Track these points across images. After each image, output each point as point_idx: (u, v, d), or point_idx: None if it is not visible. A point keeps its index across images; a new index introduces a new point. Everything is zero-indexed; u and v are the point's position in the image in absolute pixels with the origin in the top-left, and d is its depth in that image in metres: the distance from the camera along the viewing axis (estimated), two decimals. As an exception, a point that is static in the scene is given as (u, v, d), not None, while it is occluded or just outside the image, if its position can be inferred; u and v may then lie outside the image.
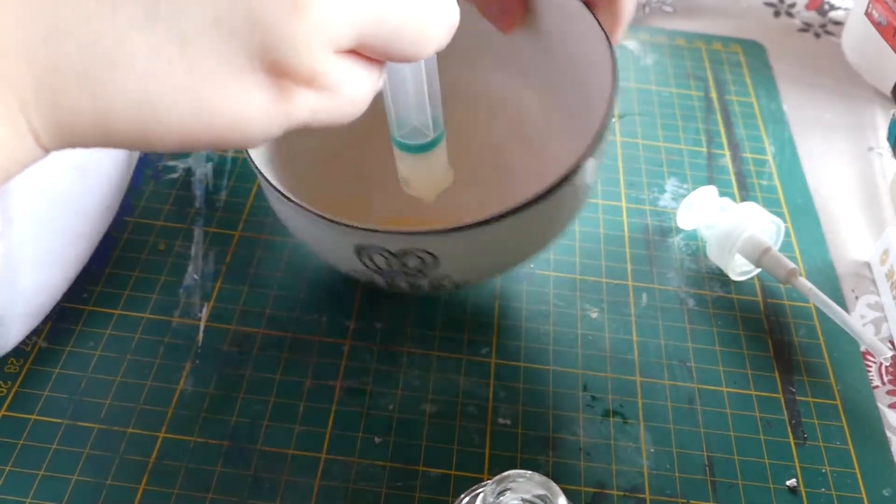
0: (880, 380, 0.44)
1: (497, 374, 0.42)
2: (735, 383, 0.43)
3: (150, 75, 0.20)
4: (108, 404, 0.40)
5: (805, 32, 0.68)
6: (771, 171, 0.55)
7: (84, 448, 0.38)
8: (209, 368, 0.41)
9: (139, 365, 0.41)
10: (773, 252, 0.46)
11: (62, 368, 0.41)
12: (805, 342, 0.45)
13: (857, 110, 0.61)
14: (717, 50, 0.65)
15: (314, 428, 0.40)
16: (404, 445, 0.39)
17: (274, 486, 0.37)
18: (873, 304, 0.48)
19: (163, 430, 0.39)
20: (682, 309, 0.46)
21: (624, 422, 0.41)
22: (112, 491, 0.37)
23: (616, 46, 0.38)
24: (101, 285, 0.44)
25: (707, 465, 0.40)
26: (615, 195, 0.52)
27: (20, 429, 0.38)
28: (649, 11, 0.68)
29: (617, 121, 0.58)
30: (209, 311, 0.44)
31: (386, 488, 0.38)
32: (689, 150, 0.56)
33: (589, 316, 0.46)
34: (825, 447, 0.41)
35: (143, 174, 0.50)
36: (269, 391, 0.41)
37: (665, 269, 0.48)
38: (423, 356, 0.43)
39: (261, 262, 0.46)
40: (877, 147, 0.58)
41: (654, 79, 0.61)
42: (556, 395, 0.42)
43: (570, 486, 0.38)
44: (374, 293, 0.45)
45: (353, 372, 0.42)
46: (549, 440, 0.40)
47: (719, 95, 0.61)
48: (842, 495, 0.39)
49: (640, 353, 0.44)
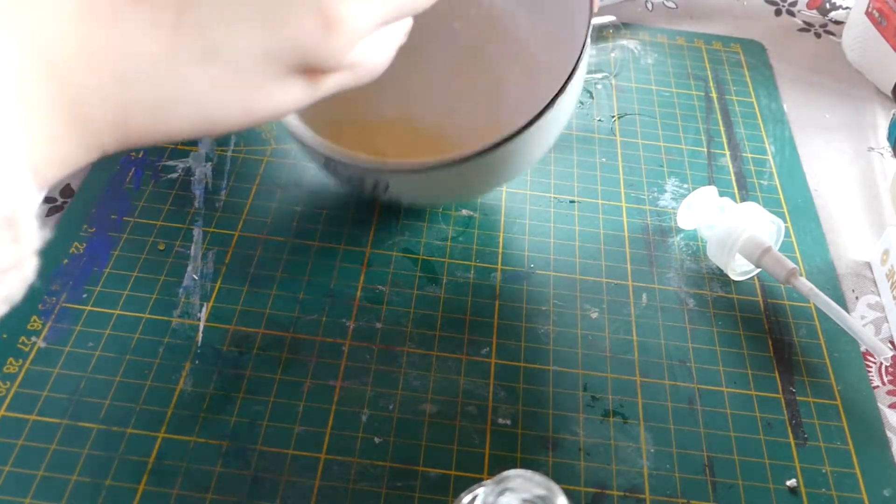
0: (880, 380, 0.44)
1: (497, 374, 0.42)
2: (735, 383, 0.43)
3: (210, 99, 0.24)
4: (107, 404, 0.40)
5: (806, 32, 0.68)
6: (771, 171, 0.55)
7: (83, 448, 0.38)
8: (209, 368, 0.41)
9: (139, 365, 0.41)
10: (773, 252, 0.46)
11: (61, 369, 0.41)
12: (805, 342, 0.45)
13: (858, 110, 0.61)
14: (717, 49, 0.65)
15: (314, 428, 0.40)
16: (404, 445, 0.39)
17: (274, 487, 0.37)
18: (873, 304, 0.48)
19: (162, 430, 0.39)
20: (683, 309, 0.46)
21: (624, 422, 0.41)
22: (111, 491, 0.37)
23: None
24: (101, 285, 0.44)
25: (707, 465, 0.40)
26: (615, 195, 0.52)
27: (19, 429, 0.38)
28: (652, 8, 0.68)
29: (617, 120, 0.58)
30: (209, 311, 0.44)
31: (386, 488, 0.38)
32: (689, 149, 0.56)
33: (589, 316, 0.46)
34: (825, 447, 0.41)
35: (142, 174, 0.50)
36: (269, 391, 0.41)
37: (665, 269, 0.48)
38: (423, 356, 0.43)
39: (261, 262, 0.46)
40: (877, 147, 0.58)
41: (655, 78, 0.61)
42: (556, 395, 0.42)
43: (570, 486, 0.38)
44: (375, 292, 0.45)
45: (353, 372, 0.42)
46: (549, 440, 0.40)
47: (719, 95, 0.61)
48: (842, 495, 0.39)
49: (640, 354, 0.44)
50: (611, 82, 0.60)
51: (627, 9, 0.68)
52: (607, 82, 0.60)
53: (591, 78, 0.60)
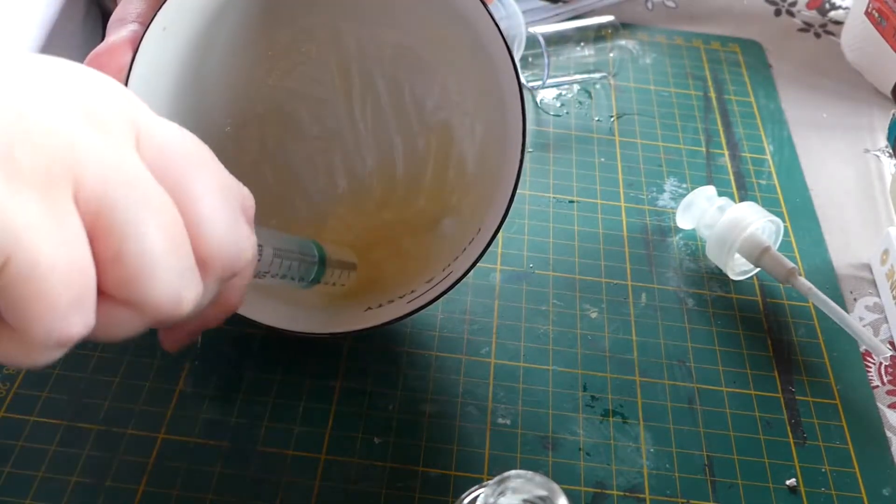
0: (880, 380, 0.44)
1: (497, 374, 0.42)
2: (734, 383, 0.43)
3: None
4: (107, 405, 0.39)
5: (805, 32, 0.68)
6: (770, 171, 0.55)
7: (83, 449, 0.38)
8: (208, 369, 0.41)
9: (138, 366, 0.41)
10: (772, 251, 0.46)
11: (61, 369, 0.41)
12: (804, 342, 0.45)
13: (857, 110, 0.61)
14: (715, 49, 0.65)
15: (314, 428, 0.40)
16: (404, 445, 0.39)
17: (274, 487, 0.37)
18: (871, 305, 0.48)
19: (162, 430, 0.39)
20: (682, 309, 0.46)
21: (624, 422, 0.41)
22: (111, 492, 0.37)
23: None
24: (100, 286, 0.44)
25: (707, 464, 0.40)
26: (614, 195, 0.52)
27: (19, 430, 0.38)
28: (652, 7, 0.68)
29: (616, 120, 0.58)
30: (208, 311, 0.44)
31: (386, 489, 0.38)
32: (687, 149, 0.56)
33: (588, 316, 0.46)
34: (825, 447, 0.41)
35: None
36: (269, 391, 0.41)
37: (664, 269, 0.48)
38: (423, 356, 0.43)
39: (260, 262, 0.46)
40: (873, 150, 0.58)
41: (653, 78, 0.61)
42: (555, 395, 0.42)
43: (570, 486, 0.38)
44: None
45: (352, 372, 0.42)
46: (549, 440, 0.40)
47: (718, 95, 0.61)
48: (841, 495, 0.39)
49: (640, 353, 0.44)
50: (609, 82, 0.60)
51: (627, 9, 0.68)
52: (606, 82, 0.60)
53: (589, 78, 0.60)
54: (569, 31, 0.59)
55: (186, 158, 0.25)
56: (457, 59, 0.42)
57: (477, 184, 0.43)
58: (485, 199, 0.40)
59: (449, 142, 0.45)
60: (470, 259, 0.36)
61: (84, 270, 0.22)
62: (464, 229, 0.41)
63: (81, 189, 0.21)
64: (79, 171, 0.21)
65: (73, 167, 0.21)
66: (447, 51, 0.43)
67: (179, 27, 0.37)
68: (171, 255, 0.23)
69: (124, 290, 0.23)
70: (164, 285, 0.23)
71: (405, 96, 0.45)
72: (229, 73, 0.43)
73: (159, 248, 0.23)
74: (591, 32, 0.59)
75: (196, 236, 0.24)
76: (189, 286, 0.24)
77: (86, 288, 0.22)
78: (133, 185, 0.22)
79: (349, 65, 0.45)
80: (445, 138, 0.45)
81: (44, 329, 0.21)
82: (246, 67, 0.44)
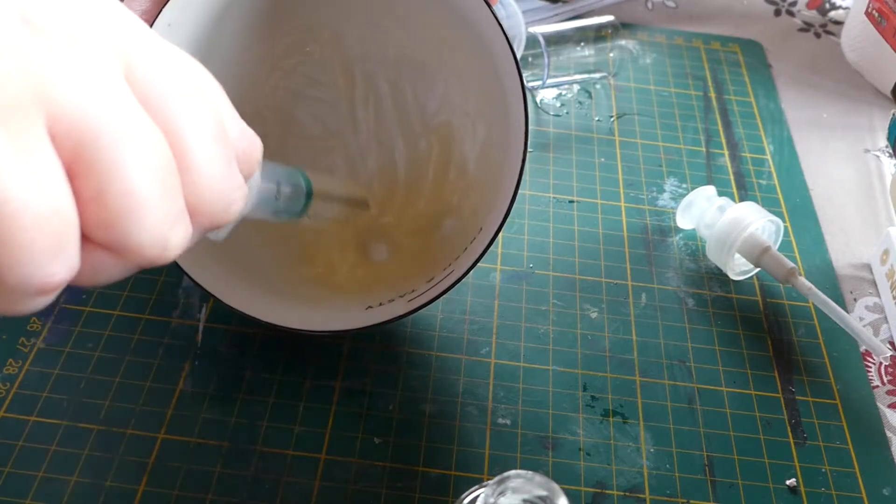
0: (880, 380, 0.44)
1: (497, 374, 0.42)
2: (734, 383, 0.43)
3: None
4: (107, 405, 0.40)
5: (805, 32, 0.68)
6: (770, 171, 0.55)
7: (83, 449, 0.38)
8: (208, 369, 0.41)
9: (138, 366, 0.41)
10: (772, 251, 0.46)
11: (61, 370, 0.41)
12: (804, 342, 0.45)
13: (857, 110, 0.61)
14: (715, 49, 0.65)
15: (314, 428, 0.40)
16: (404, 446, 0.39)
17: (274, 487, 0.37)
18: (871, 306, 0.48)
19: (162, 430, 0.39)
20: (682, 309, 0.46)
21: (624, 422, 0.41)
22: (111, 492, 0.37)
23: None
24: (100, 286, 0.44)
25: (707, 464, 0.40)
26: (614, 195, 0.52)
27: (19, 430, 0.38)
28: (652, 7, 0.68)
29: (616, 120, 0.58)
30: (208, 311, 0.44)
31: (386, 489, 0.38)
32: (687, 149, 0.56)
33: (588, 316, 0.46)
34: (825, 447, 0.41)
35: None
36: (269, 391, 0.41)
37: (664, 269, 0.48)
38: (423, 356, 0.43)
39: (260, 262, 0.46)
40: (873, 149, 0.58)
41: (653, 78, 0.61)
42: (555, 395, 0.42)
43: (570, 486, 0.38)
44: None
45: (352, 372, 0.42)
46: (549, 440, 0.40)
47: (718, 95, 0.61)
48: (841, 495, 0.39)
49: (640, 353, 0.44)
50: (609, 82, 0.60)
51: (627, 9, 0.68)
52: (606, 82, 0.60)
53: (589, 78, 0.60)
54: (569, 31, 0.59)
55: (186, 93, 0.22)
56: (460, 60, 0.43)
57: (478, 184, 0.43)
58: (486, 200, 0.39)
59: (450, 143, 0.45)
60: (471, 258, 0.36)
61: (62, 210, 0.19)
62: (465, 229, 0.41)
63: (57, 120, 0.19)
64: (53, 100, 0.19)
65: (44, 94, 0.19)
66: (450, 52, 0.43)
67: (184, 24, 0.37)
68: (159, 197, 0.21)
69: (104, 232, 0.20)
70: (150, 229, 0.21)
71: (407, 98, 0.45)
72: (232, 71, 0.43)
73: (146, 189, 0.20)
74: (591, 32, 0.59)
75: (186, 183, 0.22)
76: (177, 230, 0.22)
77: (66, 230, 0.19)
78: (118, 117, 0.20)
79: (352, 66, 0.45)
80: (447, 139, 0.45)
81: (20, 275, 0.19)
82: (249, 66, 0.44)
